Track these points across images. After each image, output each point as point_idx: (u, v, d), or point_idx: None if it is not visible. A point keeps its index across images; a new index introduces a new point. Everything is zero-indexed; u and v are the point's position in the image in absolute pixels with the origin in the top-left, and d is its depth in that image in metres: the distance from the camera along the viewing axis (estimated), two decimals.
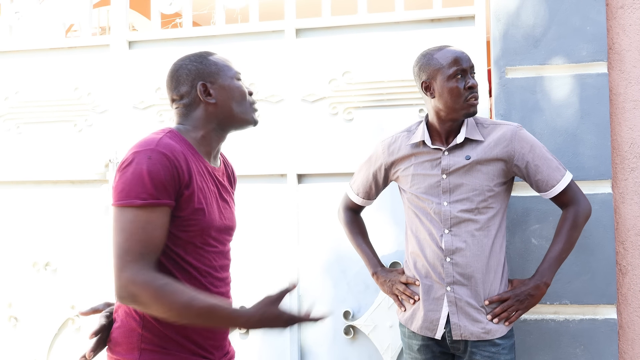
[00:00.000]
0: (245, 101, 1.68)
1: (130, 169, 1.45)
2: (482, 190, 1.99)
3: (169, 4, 2.87)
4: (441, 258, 2.01)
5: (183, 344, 1.53)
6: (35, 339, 2.96)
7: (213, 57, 1.68)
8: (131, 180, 1.44)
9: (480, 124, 2.06)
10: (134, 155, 1.46)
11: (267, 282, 2.69)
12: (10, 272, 3.00)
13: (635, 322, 2.32)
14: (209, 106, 1.63)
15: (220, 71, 1.65)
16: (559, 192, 2.01)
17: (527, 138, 2.02)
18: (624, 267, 2.33)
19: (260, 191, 2.72)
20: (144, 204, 1.43)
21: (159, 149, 1.47)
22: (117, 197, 1.45)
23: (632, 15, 2.35)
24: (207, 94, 1.63)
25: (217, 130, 1.66)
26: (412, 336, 2.10)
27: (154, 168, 1.44)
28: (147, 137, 1.53)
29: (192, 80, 1.63)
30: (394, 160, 2.14)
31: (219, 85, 1.64)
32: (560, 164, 2.04)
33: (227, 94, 1.64)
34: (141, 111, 2.88)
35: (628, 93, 2.35)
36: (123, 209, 1.44)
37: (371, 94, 2.63)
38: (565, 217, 2.03)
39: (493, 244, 2.00)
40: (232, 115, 1.66)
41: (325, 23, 2.69)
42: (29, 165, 3.01)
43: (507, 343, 2.00)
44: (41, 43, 3.01)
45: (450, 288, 2.00)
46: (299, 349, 2.66)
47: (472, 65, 1.99)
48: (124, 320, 1.54)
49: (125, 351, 1.51)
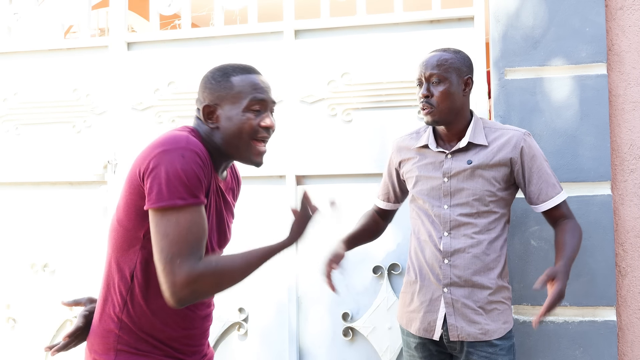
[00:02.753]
0: (245, 135, 1.55)
1: (163, 168, 1.39)
2: (482, 196, 1.98)
3: (168, 5, 2.87)
4: (439, 260, 2.01)
5: (158, 346, 1.52)
6: (33, 340, 2.95)
7: (237, 77, 1.56)
8: (167, 180, 1.38)
9: (488, 127, 2.05)
10: (163, 155, 1.40)
11: (265, 284, 2.68)
12: (9, 274, 3.00)
13: (635, 324, 2.32)
14: (212, 129, 1.56)
15: (232, 97, 1.54)
16: (548, 208, 2.00)
17: (532, 146, 2.00)
18: (624, 269, 2.33)
19: (259, 192, 2.72)
20: (186, 204, 1.39)
21: (190, 147, 1.42)
22: (155, 199, 1.39)
23: (631, 16, 2.35)
24: (210, 117, 1.56)
25: (220, 152, 1.58)
26: (409, 334, 2.12)
27: (188, 167, 1.40)
28: (170, 134, 1.46)
29: (204, 99, 1.57)
30: (401, 160, 2.17)
31: (224, 112, 1.55)
32: (557, 182, 2.01)
33: (229, 124, 1.54)
34: (140, 112, 2.88)
35: (627, 94, 2.34)
36: (164, 211, 1.39)
37: (370, 95, 2.63)
38: (566, 227, 1.98)
39: (492, 247, 1.99)
40: (231, 147, 1.56)
41: (324, 24, 2.69)
42: (27, 166, 3.00)
43: (505, 344, 1.99)
44: (40, 44, 3.01)
45: (447, 289, 2.00)
46: (298, 350, 2.65)
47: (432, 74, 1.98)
48: (102, 320, 1.53)
49: (102, 351, 1.51)
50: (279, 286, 2.68)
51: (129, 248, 1.49)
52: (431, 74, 1.97)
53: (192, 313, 1.57)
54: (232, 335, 2.73)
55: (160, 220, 1.39)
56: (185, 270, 1.36)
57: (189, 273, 1.36)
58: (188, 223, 1.39)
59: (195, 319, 1.58)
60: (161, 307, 1.48)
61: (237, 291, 2.70)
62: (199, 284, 1.38)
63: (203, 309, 1.61)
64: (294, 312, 2.65)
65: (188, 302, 1.40)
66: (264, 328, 2.70)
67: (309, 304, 2.66)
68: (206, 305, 1.63)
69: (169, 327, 1.53)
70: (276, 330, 2.69)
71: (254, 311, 2.72)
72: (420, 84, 2.01)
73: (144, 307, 1.50)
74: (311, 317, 2.66)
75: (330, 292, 2.63)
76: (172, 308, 1.43)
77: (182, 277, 1.36)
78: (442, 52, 2.01)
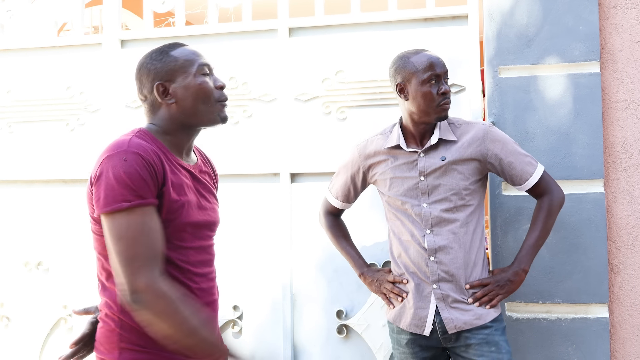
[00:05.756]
0: (210, 98, 1.58)
1: (107, 174, 1.41)
2: (459, 190, 2.03)
3: (162, 3, 2.86)
4: (425, 257, 2.05)
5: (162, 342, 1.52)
6: (27, 339, 2.95)
7: (176, 51, 1.60)
8: (112, 185, 1.40)
9: (453, 124, 2.10)
10: (107, 161, 1.43)
11: (260, 282, 2.68)
12: (2, 272, 2.99)
13: (627, 320, 2.33)
14: (170, 106, 1.58)
15: (181, 68, 1.57)
16: (532, 184, 2.08)
17: (498, 136, 2.07)
18: (616, 266, 2.34)
19: (253, 190, 2.72)
20: (132, 205, 1.40)
21: (131, 150, 1.44)
22: (102, 204, 1.41)
23: (624, 15, 2.36)
24: (165, 94, 1.57)
25: (184, 129, 1.60)
26: (399, 331, 2.14)
27: (131, 169, 1.41)
28: (116, 140, 1.49)
29: (152, 81, 1.58)
30: (370, 164, 2.18)
31: (178, 84, 1.57)
32: (532, 158, 2.10)
33: (187, 93, 1.57)
34: (133, 110, 2.87)
35: (620, 93, 2.35)
36: (113, 215, 1.41)
37: (364, 93, 2.63)
38: (540, 206, 2.10)
39: (472, 239, 2.05)
40: (195, 114, 1.58)
41: (319, 22, 2.69)
42: (20, 164, 2.99)
43: (499, 325, 2.05)
44: (33, 42, 2.99)
45: (436, 285, 2.04)
46: (292, 348, 2.66)
47: (446, 71, 2.03)
48: (105, 321, 1.54)
49: (107, 350, 1.52)
50: (273, 284, 2.68)
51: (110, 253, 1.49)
52: (444, 72, 2.02)
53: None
54: (226, 333, 2.73)
55: (112, 224, 1.41)
56: (146, 279, 1.38)
57: (150, 284, 1.38)
58: (139, 226, 1.40)
59: None
60: None
61: (232, 289, 2.70)
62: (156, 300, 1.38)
63: (203, 295, 1.59)
64: (289, 310, 2.65)
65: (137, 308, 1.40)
66: (259, 326, 2.71)
67: (304, 301, 2.66)
68: (206, 292, 1.61)
69: None
70: (270, 328, 2.69)
71: (249, 309, 2.72)
72: (430, 80, 2.00)
73: None
74: (305, 314, 2.66)
75: (324, 289, 2.64)
76: None
77: (143, 283, 1.38)
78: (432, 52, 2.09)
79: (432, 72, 1.99)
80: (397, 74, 2.06)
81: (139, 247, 1.39)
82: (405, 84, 2.03)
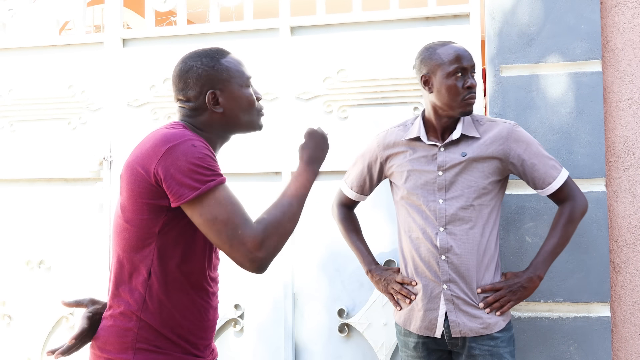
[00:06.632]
0: (253, 109, 1.64)
1: (180, 163, 1.41)
2: (477, 188, 1.98)
3: (163, 2, 2.86)
4: (436, 256, 2.00)
5: (178, 343, 1.52)
6: (29, 337, 2.95)
7: (226, 59, 1.62)
8: (190, 171, 1.41)
9: (477, 120, 2.05)
10: (173, 150, 1.42)
11: (261, 280, 2.69)
12: (4, 270, 2.99)
13: (629, 319, 2.33)
14: (215, 114, 1.59)
15: (232, 78, 1.60)
16: (555, 189, 2.01)
17: (523, 136, 2.02)
18: (618, 265, 2.34)
19: (255, 189, 2.72)
20: (216, 184, 1.42)
21: (194, 137, 1.47)
22: (187, 193, 1.41)
23: (626, 13, 2.36)
24: (215, 102, 1.59)
25: (221, 135, 1.63)
26: (408, 334, 2.10)
27: (203, 152, 1.44)
28: (167, 132, 1.48)
29: (202, 86, 1.58)
30: (389, 155, 2.13)
31: (228, 94, 1.59)
32: (557, 162, 2.04)
33: (235, 104, 1.60)
34: (135, 109, 2.87)
35: (622, 91, 2.35)
36: (201, 199, 1.41)
37: (366, 92, 2.63)
38: (562, 212, 2.04)
39: (488, 241, 2.00)
40: (238, 123, 1.63)
41: (320, 21, 2.69)
42: (22, 163, 3.00)
43: (505, 336, 2.00)
44: (35, 41, 3.00)
45: (446, 286, 1.99)
46: (294, 346, 2.66)
47: (473, 65, 1.99)
48: (118, 319, 1.52)
49: (118, 350, 1.50)
50: (275, 282, 2.68)
51: (143, 246, 1.49)
52: (471, 65, 1.98)
53: (206, 303, 1.58)
54: (228, 332, 2.74)
55: (202, 209, 1.42)
56: (251, 235, 1.41)
57: (255, 234, 1.41)
58: (227, 198, 1.43)
59: (208, 309, 1.59)
60: (180, 298, 1.51)
61: (233, 288, 2.70)
62: (269, 239, 1.42)
63: (214, 300, 1.63)
64: (290, 309, 2.65)
65: (268, 263, 1.43)
66: (260, 324, 2.71)
67: (305, 300, 2.67)
68: (216, 296, 1.64)
69: (187, 320, 1.53)
70: (272, 327, 2.69)
71: (250, 308, 2.72)
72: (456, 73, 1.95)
73: (165, 301, 1.50)
74: (307, 313, 2.67)
75: (326, 288, 2.64)
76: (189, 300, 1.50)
77: (252, 241, 1.40)
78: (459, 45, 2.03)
79: (458, 65, 1.95)
80: (423, 65, 2.01)
81: (234, 218, 1.42)
82: (430, 75, 1.99)
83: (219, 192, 1.42)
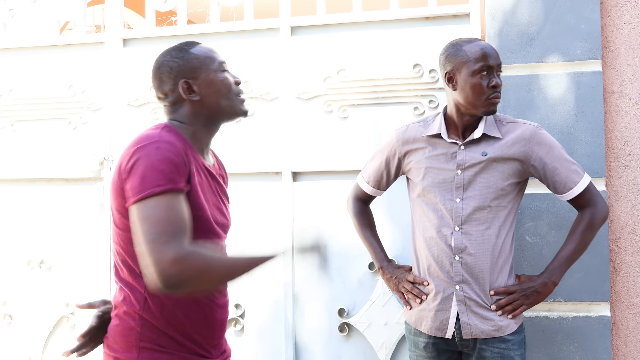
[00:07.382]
0: (231, 93, 1.63)
1: (141, 163, 1.41)
2: (495, 189, 1.95)
3: (164, 2, 2.86)
4: (450, 256, 1.97)
5: (182, 342, 1.52)
6: (29, 337, 2.96)
7: (195, 49, 1.63)
8: (144, 172, 1.40)
9: (499, 120, 2.02)
10: (140, 151, 1.43)
11: (262, 280, 2.69)
12: (5, 270, 3.00)
13: (629, 319, 2.33)
14: (194, 103, 1.59)
15: (203, 65, 1.60)
16: (576, 194, 1.98)
17: (545, 139, 1.98)
18: (618, 265, 2.34)
19: (255, 189, 2.72)
20: (164, 189, 1.38)
21: (163, 139, 1.45)
22: (134, 192, 1.39)
23: (626, 13, 2.36)
24: (190, 91, 1.59)
25: (207, 125, 1.62)
26: (418, 334, 2.07)
27: (164, 156, 1.41)
28: (144, 133, 1.50)
29: (174, 78, 1.59)
30: (407, 150, 2.08)
31: (202, 81, 1.59)
32: (579, 167, 2.00)
33: (211, 89, 1.60)
34: (136, 109, 2.88)
35: (622, 91, 2.35)
36: (143, 201, 1.38)
37: (366, 91, 2.63)
38: (582, 218, 2.00)
39: (503, 243, 1.97)
40: (219, 109, 1.62)
41: (320, 21, 2.69)
42: (23, 163, 3.00)
43: (516, 338, 1.98)
44: (35, 41, 3.00)
45: (459, 287, 1.97)
46: (294, 346, 2.66)
47: (499, 63, 1.95)
48: (122, 319, 1.52)
49: (123, 349, 1.50)
50: (275, 282, 2.68)
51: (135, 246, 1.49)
52: (498, 63, 1.94)
53: (210, 301, 1.58)
54: (228, 332, 2.74)
55: (139, 209, 1.38)
56: (175, 249, 1.33)
57: (179, 251, 1.33)
58: (167, 206, 1.38)
59: (213, 307, 1.59)
60: (181, 297, 1.50)
61: (234, 287, 2.70)
62: (189, 267, 1.34)
63: (220, 298, 1.62)
64: (290, 308, 2.66)
65: (175, 284, 1.34)
66: (261, 324, 2.71)
67: (305, 300, 2.67)
68: (223, 294, 1.64)
69: (190, 319, 1.53)
70: (272, 326, 2.69)
71: (251, 307, 2.72)
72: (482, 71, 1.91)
73: (165, 300, 1.50)
74: (307, 313, 2.67)
75: (326, 288, 2.64)
76: (191, 298, 1.48)
77: (173, 254, 1.33)
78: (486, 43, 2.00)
79: (484, 63, 1.91)
80: (447, 62, 1.97)
81: (165, 225, 1.35)
82: (455, 72, 1.95)
83: (162, 199, 1.38)
